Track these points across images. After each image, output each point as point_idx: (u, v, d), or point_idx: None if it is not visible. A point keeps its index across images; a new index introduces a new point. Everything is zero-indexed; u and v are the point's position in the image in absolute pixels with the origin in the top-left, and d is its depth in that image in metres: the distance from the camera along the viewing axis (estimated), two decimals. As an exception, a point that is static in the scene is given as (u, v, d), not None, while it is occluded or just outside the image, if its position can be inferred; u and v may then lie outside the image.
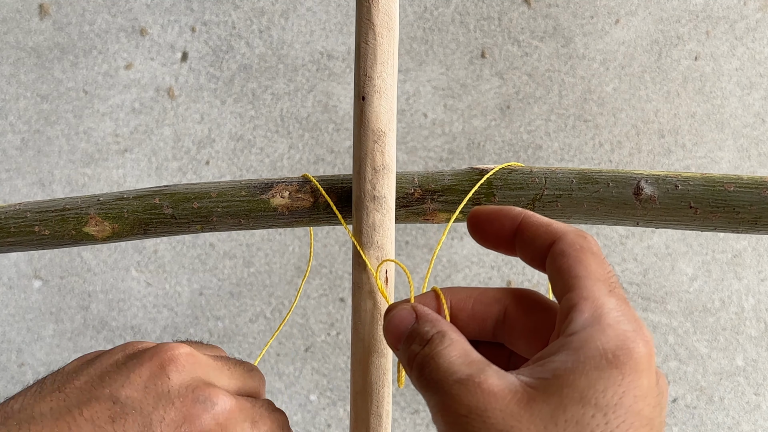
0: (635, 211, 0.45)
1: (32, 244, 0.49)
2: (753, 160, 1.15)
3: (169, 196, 0.48)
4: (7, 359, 1.16)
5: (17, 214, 0.49)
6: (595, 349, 0.32)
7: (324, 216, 0.47)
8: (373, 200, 0.43)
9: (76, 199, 0.49)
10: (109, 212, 0.48)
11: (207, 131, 1.15)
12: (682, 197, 0.45)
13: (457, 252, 1.15)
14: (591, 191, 0.46)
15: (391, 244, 0.44)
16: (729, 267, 1.16)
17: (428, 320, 0.38)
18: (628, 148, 1.15)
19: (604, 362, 0.32)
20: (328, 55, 1.15)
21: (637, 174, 0.46)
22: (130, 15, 1.15)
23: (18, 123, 1.15)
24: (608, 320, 0.33)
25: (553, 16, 1.14)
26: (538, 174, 0.47)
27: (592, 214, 0.46)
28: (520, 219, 0.39)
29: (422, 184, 0.47)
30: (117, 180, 1.15)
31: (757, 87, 1.15)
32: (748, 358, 1.16)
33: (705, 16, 1.15)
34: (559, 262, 0.36)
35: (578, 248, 0.36)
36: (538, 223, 0.38)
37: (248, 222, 0.48)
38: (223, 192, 0.47)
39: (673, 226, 0.46)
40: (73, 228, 0.48)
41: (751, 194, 0.44)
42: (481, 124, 1.15)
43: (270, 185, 0.47)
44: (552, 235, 0.37)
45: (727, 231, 0.45)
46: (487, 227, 0.40)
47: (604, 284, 0.35)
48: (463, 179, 0.47)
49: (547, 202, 0.46)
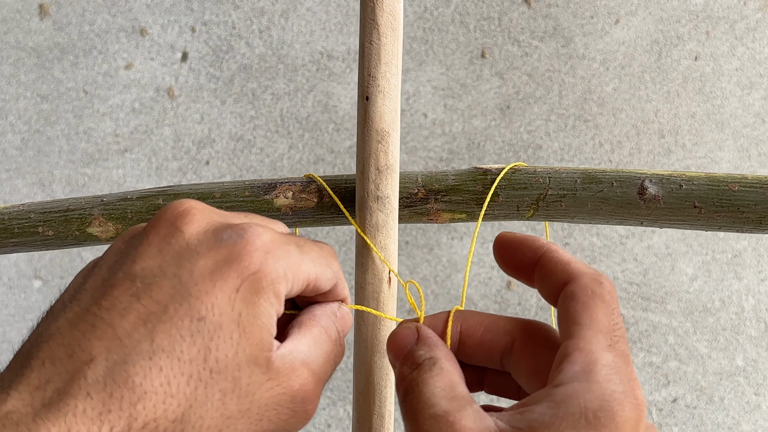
0: (639, 210, 0.45)
1: (36, 244, 0.49)
2: (753, 160, 1.15)
3: (173, 197, 0.48)
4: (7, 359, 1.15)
5: (21, 214, 0.49)
6: (576, 406, 0.31)
7: (328, 216, 0.47)
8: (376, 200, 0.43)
9: (79, 200, 0.49)
10: (113, 213, 0.48)
11: (207, 131, 1.15)
12: (687, 197, 0.45)
13: (457, 252, 1.15)
14: (595, 191, 0.46)
15: (394, 244, 0.44)
16: (729, 267, 1.16)
17: (426, 343, 0.37)
18: (628, 148, 1.15)
19: (583, 421, 0.30)
20: (328, 55, 1.15)
21: (642, 174, 0.46)
22: (130, 15, 1.15)
23: (18, 123, 1.15)
24: (597, 377, 0.32)
25: (553, 16, 1.14)
26: (542, 174, 0.47)
27: (596, 214, 0.46)
28: (541, 252, 0.38)
29: (426, 183, 0.47)
30: (117, 180, 1.15)
31: (757, 87, 1.15)
32: (748, 358, 1.16)
33: (705, 16, 1.15)
34: (567, 305, 0.35)
35: (589, 293, 0.35)
36: (557, 260, 0.37)
37: None
38: (226, 192, 0.47)
39: (677, 226, 0.46)
40: (76, 229, 0.48)
41: (756, 194, 0.44)
42: (481, 124, 1.15)
43: (273, 185, 0.47)
44: (567, 275, 0.36)
45: (731, 231, 0.45)
46: (510, 254, 0.39)
47: (605, 337, 0.34)
48: (467, 179, 0.47)
49: (551, 201, 0.46)
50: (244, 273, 0.32)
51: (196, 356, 0.30)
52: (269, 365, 0.32)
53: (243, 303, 0.32)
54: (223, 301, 0.31)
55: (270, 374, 0.32)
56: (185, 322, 0.31)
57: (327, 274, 0.37)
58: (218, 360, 0.31)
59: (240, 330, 0.31)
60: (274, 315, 0.33)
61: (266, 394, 0.32)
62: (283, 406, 0.33)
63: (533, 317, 1.14)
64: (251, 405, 0.32)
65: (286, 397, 0.32)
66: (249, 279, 0.32)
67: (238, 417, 0.31)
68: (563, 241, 1.15)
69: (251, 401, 0.32)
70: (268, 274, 0.33)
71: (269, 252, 0.33)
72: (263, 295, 0.32)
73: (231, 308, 0.32)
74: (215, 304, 0.31)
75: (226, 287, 0.32)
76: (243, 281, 0.32)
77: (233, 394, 0.31)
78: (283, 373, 0.33)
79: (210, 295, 0.31)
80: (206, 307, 0.31)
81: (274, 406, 0.32)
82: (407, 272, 1.14)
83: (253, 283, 0.32)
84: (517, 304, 1.15)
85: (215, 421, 0.31)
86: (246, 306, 0.32)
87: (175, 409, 0.30)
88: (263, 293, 0.32)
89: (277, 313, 0.34)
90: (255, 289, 0.32)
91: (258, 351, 0.32)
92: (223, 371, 0.31)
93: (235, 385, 0.31)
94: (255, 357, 0.32)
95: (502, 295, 1.15)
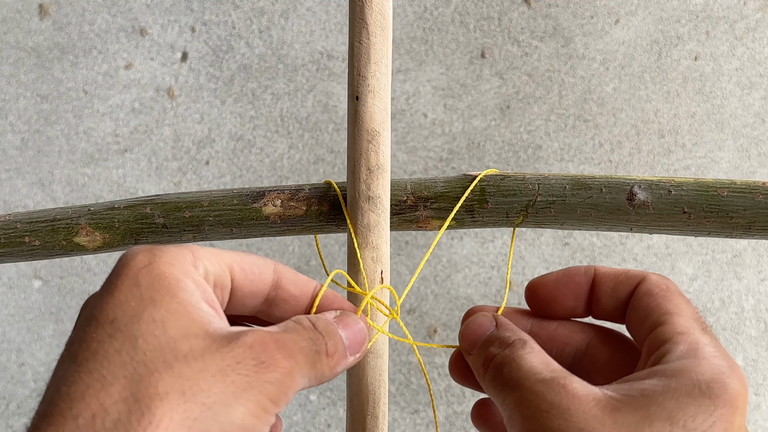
0: (629, 216, 0.45)
1: (23, 254, 0.49)
2: (753, 160, 1.15)
3: (161, 206, 0.48)
4: (7, 359, 1.16)
5: (7, 225, 0.49)
6: (688, 378, 0.32)
7: (316, 224, 0.47)
8: (367, 201, 0.43)
9: (66, 209, 0.49)
10: (100, 222, 0.48)
11: (207, 131, 1.15)
12: (676, 202, 0.45)
13: (457, 252, 1.15)
14: (584, 197, 0.46)
15: (386, 244, 0.44)
16: (729, 267, 1.16)
17: (509, 328, 0.38)
18: (628, 148, 1.15)
19: (697, 391, 0.31)
20: (328, 55, 1.15)
21: (630, 179, 0.46)
22: (130, 15, 1.15)
23: (18, 123, 1.15)
24: (704, 354, 0.33)
25: (553, 16, 1.14)
26: (531, 180, 0.47)
27: (586, 220, 0.46)
28: (592, 273, 0.39)
29: (415, 191, 0.47)
30: (117, 180, 1.15)
31: (757, 87, 1.15)
32: (748, 358, 1.16)
33: (705, 16, 1.15)
34: (646, 300, 0.37)
35: (664, 288, 0.37)
36: (615, 272, 0.39)
37: (240, 231, 0.48)
38: (214, 201, 0.47)
39: (667, 232, 0.46)
40: (63, 238, 0.48)
41: (745, 199, 0.44)
42: (481, 124, 1.15)
43: (262, 193, 0.47)
44: (634, 278, 0.38)
45: (720, 236, 0.45)
46: (558, 293, 0.40)
47: (697, 322, 0.35)
48: (456, 186, 0.47)
49: (540, 208, 0.46)
50: (139, 269, 0.33)
51: (126, 358, 0.30)
52: (207, 333, 0.32)
53: (148, 290, 0.32)
54: (125, 299, 0.32)
55: (210, 339, 0.32)
56: (103, 334, 0.31)
57: (252, 260, 0.37)
58: (147, 350, 0.31)
59: (158, 316, 0.31)
60: (196, 293, 0.33)
61: (218, 354, 0.31)
62: (246, 360, 0.32)
63: (533, 317, 1.14)
64: (205, 365, 0.31)
65: (241, 351, 0.32)
66: (146, 272, 0.33)
67: (197, 377, 0.30)
68: (563, 241, 1.15)
69: (204, 364, 0.31)
70: (168, 261, 0.33)
71: (164, 251, 0.34)
72: (169, 279, 0.33)
73: (135, 301, 0.32)
74: (121, 304, 0.32)
75: (128, 289, 0.32)
76: (141, 278, 0.32)
77: (180, 362, 0.31)
78: (228, 336, 0.32)
79: (115, 299, 0.32)
80: (114, 310, 0.32)
81: (232, 362, 0.31)
82: (407, 272, 1.15)
83: (152, 273, 0.32)
84: (517, 304, 1.15)
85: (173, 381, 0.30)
86: (152, 293, 0.32)
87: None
88: (168, 278, 0.33)
89: (203, 293, 0.33)
90: (157, 275, 0.33)
91: (188, 324, 0.32)
92: (159, 350, 0.31)
93: (176, 355, 0.31)
94: (187, 329, 0.31)
95: (502, 295, 1.15)
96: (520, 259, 1.14)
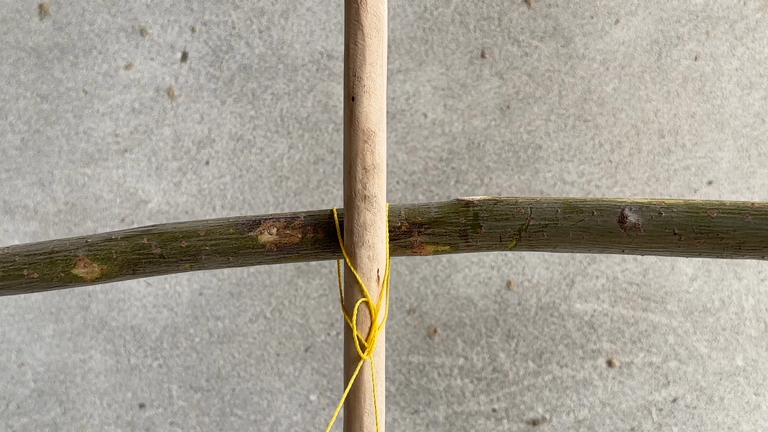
0: (620, 239, 0.46)
1: (21, 287, 0.49)
2: (753, 160, 1.15)
3: (157, 236, 0.48)
4: (7, 359, 1.16)
5: (5, 258, 0.49)
6: None
7: (312, 251, 0.48)
8: (363, 199, 0.43)
9: (64, 242, 0.49)
10: (98, 253, 0.48)
11: (207, 131, 1.15)
12: (666, 224, 0.45)
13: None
14: (576, 220, 0.46)
15: (382, 243, 0.44)
16: (729, 267, 1.16)
17: None
18: (628, 148, 1.15)
19: None
20: (328, 55, 1.15)
21: (621, 202, 0.47)
22: (130, 15, 1.15)
23: (18, 123, 1.15)
24: None
25: (553, 16, 1.14)
26: (523, 204, 0.47)
27: (578, 243, 0.47)
28: None
29: (409, 217, 0.47)
30: (117, 180, 1.15)
31: (757, 87, 1.15)
32: (748, 358, 1.16)
33: (705, 16, 1.15)
34: None
35: None
36: None
37: (237, 259, 0.48)
38: (211, 230, 0.48)
39: (658, 253, 0.46)
40: (62, 270, 0.49)
41: (734, 220, 0.44)
42: (481, 124, 1.15)
43: (258, 222, 0.48)
44: None
45: (711, 257, 0.45)
46: None
47: None
48: (449, 211, 0.48)
49: (533, 232, 0.47)
50: None
51: None
52: None
53: None
54: None
55: None
56: None
57: None
58: None
59: None
60: None
61: None
62: None
63: (533, 318, 1.15)
64: None
65: None
66: None
67: None
68: (563, 241, 1.15)
69: None
70: None
71: None
72: None
73: None
74: None
75: None
76: None
77: None
78: None
79: None
80: None
81: None
82: (407, 272, 1.15)
83: None
84: (517, 304, 1.15)
85: None
86: None
87: None
88: None
89: None
90: None
91: None
92: None
93: None
94: None
95: (502, 295, 1.15)
96: (520, 259, 1.14)
